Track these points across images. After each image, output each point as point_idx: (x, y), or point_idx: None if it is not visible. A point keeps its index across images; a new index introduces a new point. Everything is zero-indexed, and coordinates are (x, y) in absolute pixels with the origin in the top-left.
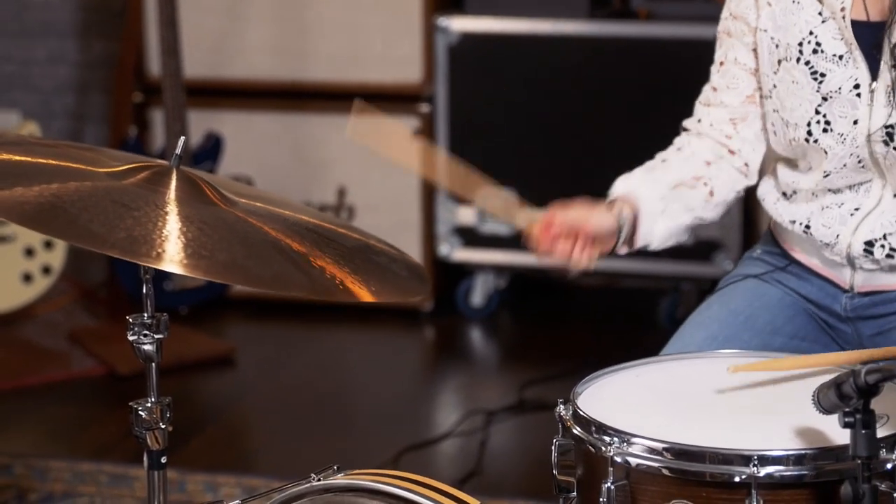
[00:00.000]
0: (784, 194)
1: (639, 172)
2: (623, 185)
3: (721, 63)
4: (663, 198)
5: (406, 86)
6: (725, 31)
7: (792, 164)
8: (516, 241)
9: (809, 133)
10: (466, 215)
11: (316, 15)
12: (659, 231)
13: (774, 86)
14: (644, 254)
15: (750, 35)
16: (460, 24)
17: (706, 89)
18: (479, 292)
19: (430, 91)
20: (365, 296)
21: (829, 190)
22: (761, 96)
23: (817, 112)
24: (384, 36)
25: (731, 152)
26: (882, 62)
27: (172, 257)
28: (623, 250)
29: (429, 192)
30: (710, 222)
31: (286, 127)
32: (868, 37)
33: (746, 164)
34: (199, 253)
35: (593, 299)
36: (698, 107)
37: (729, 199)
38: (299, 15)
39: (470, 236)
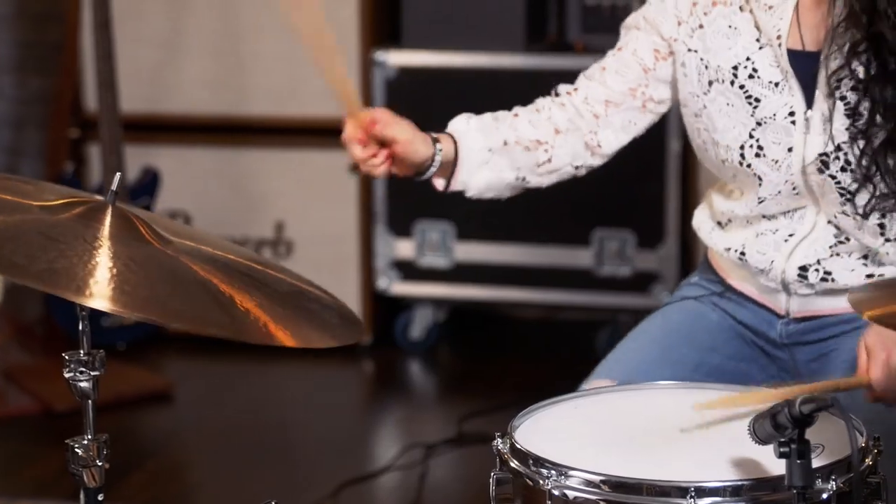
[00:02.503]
0: (719, 223)
1: (481, 120)
2: (459, 125)
3: (620, 49)
4: (491, 150)
5: (343, 120)
6: (634, 25)
7: (726, 192)
8: (455, 274)
9: (742, 156)
10: (405, 249)
11: (254, 49)
12: (477, 181)
13: (705, 106)
14: (582, 286)
15: (658, 41)
16: (397, 58)
17: (595, 66)
18: (418, 326)
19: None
20: (287, 340)
21: (764, 216)
22: (651, 99)
23: (751, 136)
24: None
25: (591, 131)
26: (817, 91)
27: (92, 291)
28: (439, 185)
29: (367, 227)
30: (535, 188)
31: (224, 162)
32: (804, 66)
33: (600, 145)
34: (121, 288)
35: (532, 332)
36: (581, 78)
37: (565, 172)
38: (237, 49)
39: (408, 270)
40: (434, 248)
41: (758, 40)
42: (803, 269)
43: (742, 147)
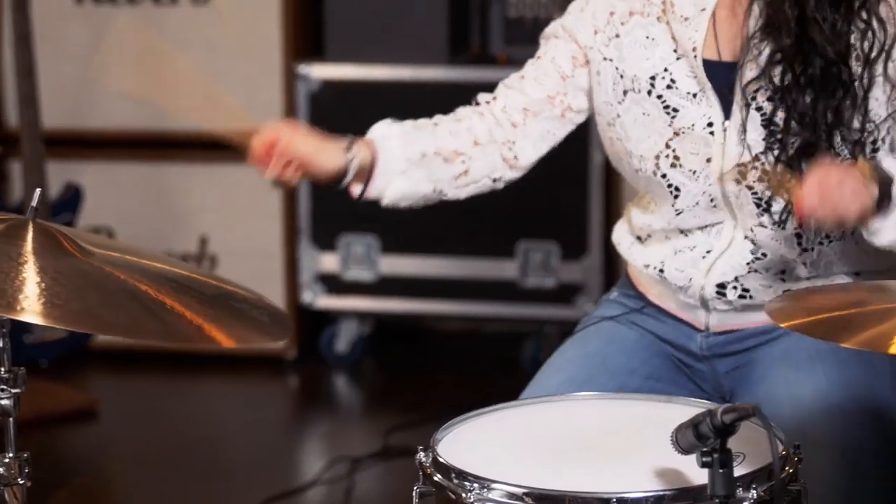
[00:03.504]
0: (638, 238)
1: (402, 127)
2: (379, 132)
3: (538, 57)
4: (409, 160)
5: None
6: (552, 34)
7: (644, 205)
8: (380, 287)
9: (657, 166)
10: (329, 262)
11: (176, 64)
12: (393, 190)
13: (618, 115)
14: (507, 298)
15: (576, 49)
16: (321, 71)
17: (515, 74)
18: (343, 339)
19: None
20: (224, 341)
21: (681, 231)
22: (570, 108)
23: (667, 146)
24: (245, 84)
25: (508, 142)
26: (734, 102)
27: (24, 306)
28: (355, 190)
29: (291, 241)
30: (452, 199)
31: (147, 177)
32: (721, 76)
33: (517, 157)
34: (52, 302)
35: (458, 344)
36: (500, 86)
37: (482, 184)
38: (158, 61)
39: (333, 283)
40: (359, 261)
41: (675, 51)
42: (721, 286)
43: (657, 157)
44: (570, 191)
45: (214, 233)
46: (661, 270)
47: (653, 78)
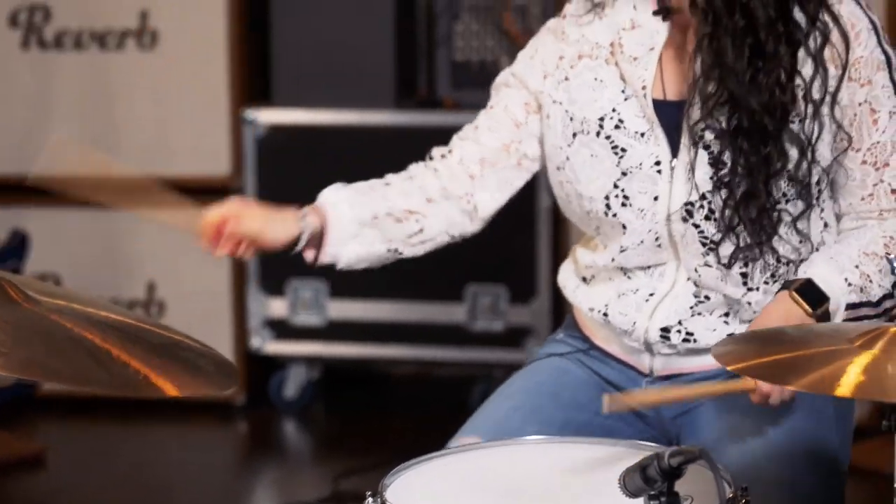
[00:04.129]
0: (584, 279)
1: (352, 190)
2: (329, 197)
3: (491, 107)
4: (361, 222)
5: (214, 179)
6: (503, 83)
7: (591, 246)
8: (329, 332)
9: (608, 206)
10: (278, 307)
11: (124, 108)
12: (347, 253)
13: (568, 158)
14: (456, 342)
15: (528, 95)
16: (268, 116)
17: (468, 126)
18: (292, 384)
19: (238, 183)
20: (170, 390)
21: (624, 272)
22: (525, 156)
23: (616, 186)
24: (193, 129)
25: (467, 194)
26: (682, 141)
27: None
28: (308, 257)
29: (239, 285)
30: (410, 258)
31: (95, 223)
32: (669, 116)
33: (476, 209)
34: None
35: (407, 389)
36: (454, 139)
37: (439, 241)
38: (108, 108)
39: (281, 328)
40: (307, 306)
41: (623, 91)
42: (665, 329)
43: (607, 197)
44: (519, 234)
45: (162, 279)
46: (606, 314)
47: (601, 119)
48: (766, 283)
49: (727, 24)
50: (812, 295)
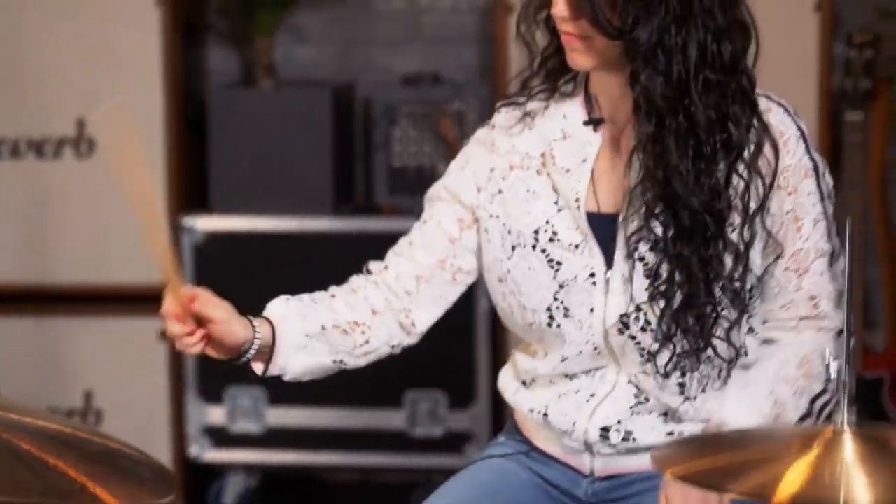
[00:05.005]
0: (524, 383)
1: (299, 303)
2: (277, 308)
3: (425, 222)
4: (309, 335)
5: (152, 286)
6: (436, 197)
7: (531, 352)
8: (268, 439)
9: (551, 318)
10: (216, 415)
11: (61, 216)
12: (295, 366)
13: (509, 270)
14: (396, 448)
15: (461, 210)
16: (205, 223)
17: (403, 241)
18: (231, 493)
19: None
20: (108, 499)
21: (566, 376)
22: (460, 270)
23: (555, 298)
24: (130, 237)
25: (404, 310)
26: (617, 252)
27: None
28: (257, 369)
29: (177, 393)
30: (352, 369)
31: (30, 331)
32: (603, 227)
33: (413, 324)
34: None
35: (348, 495)
36: (390, 255)
37: (381, 352)
38: (45, 216)
39: (220, 436)
40: (245, 413)
41: (556, 203)
42: (605, 429)
43: (549, 309)
44: (457, 340)
45: (99, 387)
46: (546, 415)
47: (536, 231)
48: (703, 391)
49: (671, 125)
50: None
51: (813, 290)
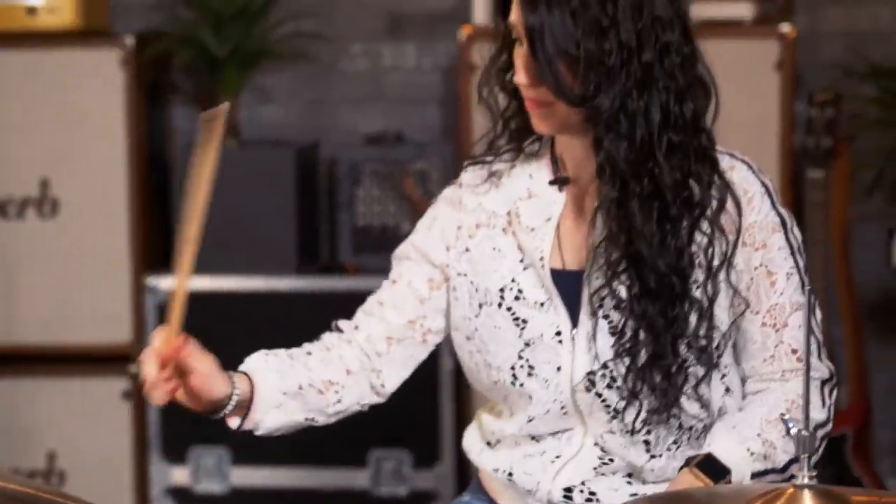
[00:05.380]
0: (489, 443)
1: (276, 359)
2: (256, 364)
3: (394, 281)
4: (286, 392)
5: (116, 346)
6: (405, 256)
7: (496, 413)
8: (232, 499)
9: (515, 377)
10: (180, 476)
11: (25, 276)
12: (270, 421)
13: (476, 329)
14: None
15: (431, 269)
16: (169, 283)
17: (372, 300)
18: None
19: (140, 351)
20: None
21: (532, 437)
22: (430, 330)
23: (520, 357)
24: (94, 296)
25: (375, 370)
26: (582, 310)
27: None
28: (233, 423)
29: (141, 454)
30: (321, 426)
31: None
32: (568, 285)
33: (383, 385)
34: None
35: None
36: (360, 314)
37: (351, 411)
38: (8, 276)
39: (184, 497)
40: (209, 474)
41: (521, 261)
42: (568, 489)
43: (513, 368)
44: (421, 398)
45: (62, 448)
46: (511, 474)
47: (502, 290)
48: (668, 449)
49: (634, 189)
50: (713, 469)
51: (794, 344)
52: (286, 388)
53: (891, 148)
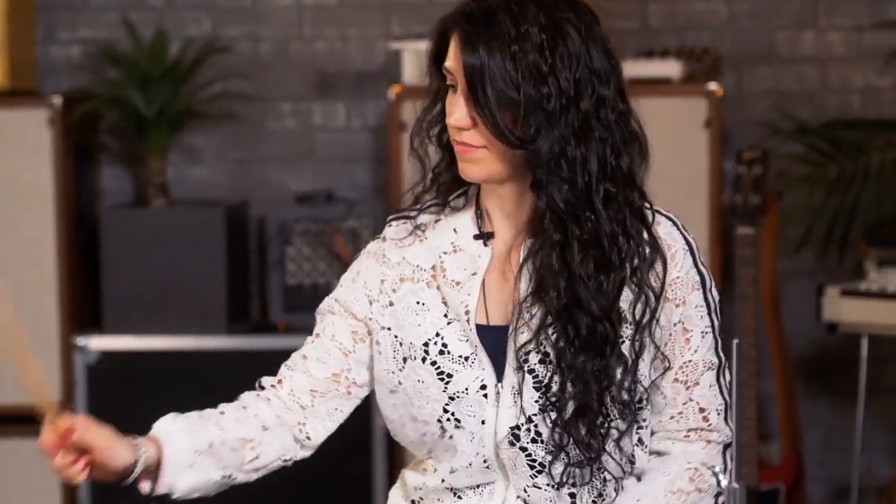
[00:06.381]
0: (412, 502)
1: (186, 420)
2: (164, 427)
3: (318, 335)
4: (197, 451)
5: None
6: (328, 310)
7: (420, 469)
8: None
9: (443, 429)
10: None
11: None
12: (183, 483)
13: (400, 382)
14: None
15: (354, 323)
16: (99, 343)
17: (296, 355)
18: None
19: (69, 411)
20: None
21: (454, 492)
22: (355, 383)
23: (445, 410)
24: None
25: (299, 423)
26: (507, 365)
27: None
28: (144, 488)
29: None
30: (243, 483)
31: None
32: (493, 340)
33: (309, 437)
34: None
35: None
36: (283, 369)
37: (273, 466)
38: None
39: None
40: None
41: (446, 315)
42: None
43: (440, 420)
44: (354, 456)
45: None
46: None
47: (426, 344)
48: (593, 503)
49: (574, 231)
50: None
51: (702, 403)
52: (196, 446)
53: (818, 205)
